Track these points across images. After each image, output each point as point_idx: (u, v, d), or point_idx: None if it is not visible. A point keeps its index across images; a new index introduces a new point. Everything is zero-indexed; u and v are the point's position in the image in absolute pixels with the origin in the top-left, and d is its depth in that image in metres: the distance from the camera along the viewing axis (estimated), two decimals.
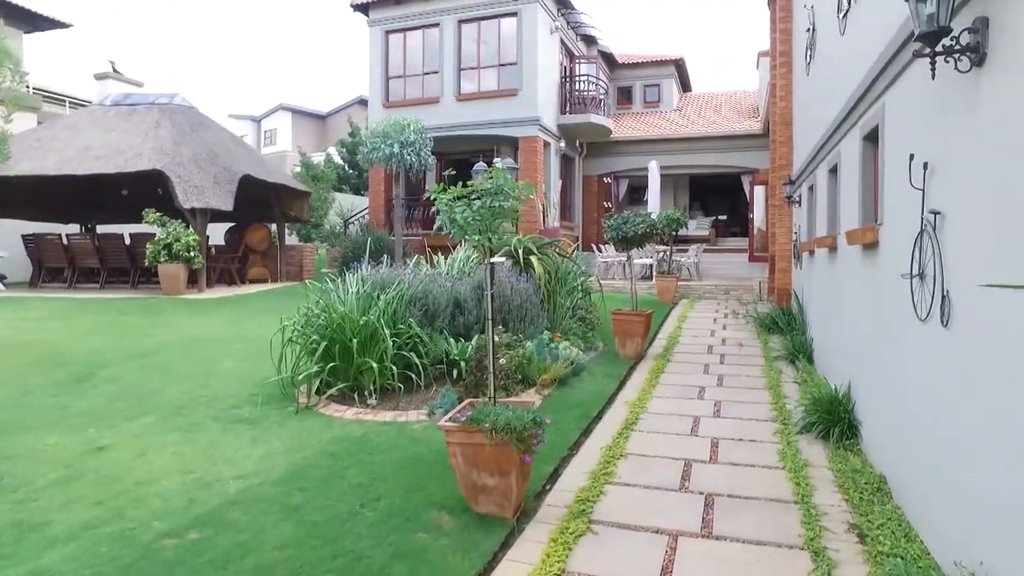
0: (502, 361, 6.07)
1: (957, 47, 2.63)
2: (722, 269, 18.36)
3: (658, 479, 4.32)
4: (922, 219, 3.35)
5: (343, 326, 5.89)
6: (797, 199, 9.38)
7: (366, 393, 5.89)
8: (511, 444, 3.47)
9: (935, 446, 3.22)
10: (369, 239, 16.32)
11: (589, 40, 20.85)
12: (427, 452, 4.66)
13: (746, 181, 19.39)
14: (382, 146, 14.82)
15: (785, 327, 9.14)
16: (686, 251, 17.22)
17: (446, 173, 4.68)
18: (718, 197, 25.01)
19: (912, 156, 3.41)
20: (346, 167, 27.89)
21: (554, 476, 4.41)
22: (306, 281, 8.26)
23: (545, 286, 8.34)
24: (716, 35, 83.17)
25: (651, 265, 15.29)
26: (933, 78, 2.76)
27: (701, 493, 4.09)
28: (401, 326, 6.21)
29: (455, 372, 6.26)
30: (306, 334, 6.05)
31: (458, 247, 9.44)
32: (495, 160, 3.77)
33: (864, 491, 4.03)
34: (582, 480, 4.28)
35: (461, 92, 17.19)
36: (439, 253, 9.49)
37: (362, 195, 25.12)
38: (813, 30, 7.90)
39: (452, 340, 6.73)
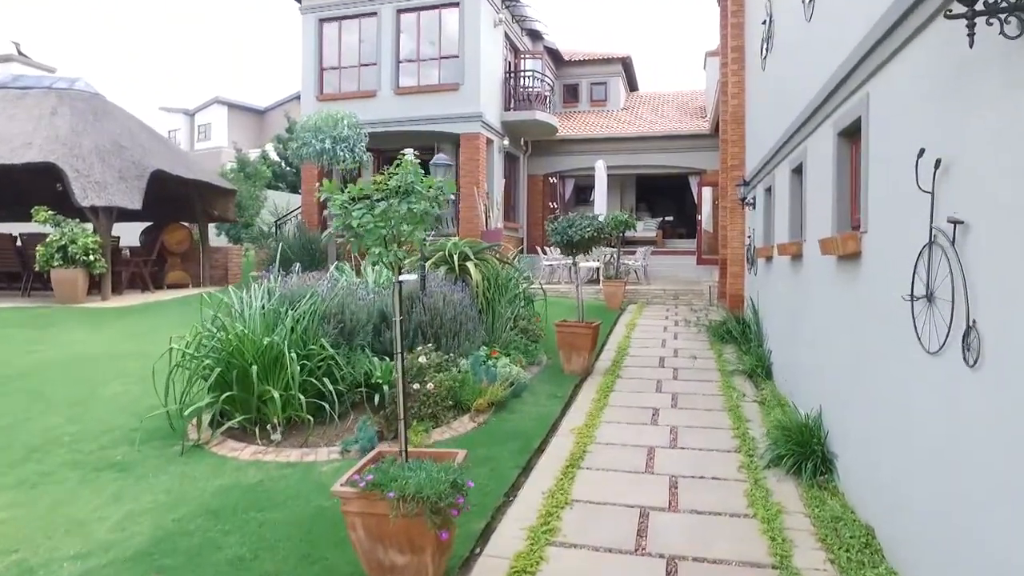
0: (430, 386, 5.28)
1: (1004, 4, 1.98)
2: (670, 272, 17.96)
3: (609, 536, 3.60)
4: (931, 229, 2.73)
5: (241, 348, 4.99)
6: (751, 201, 8.90)
7: (269, 427, 5.01)
8: (424, 516, 2.70)
9: (950, 505, 2.60)
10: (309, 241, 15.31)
11: (535, 35, 20.19)
12: (332, 506, 3.83)
13: (694, 182, 19.08)
14: (313, 141, 13.79)
15: (739, 337, 8.64)
16: (633, 253, 16.73)
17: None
18: (664, 198, 24.74)
19: (922, 151, 2.78)
20: (283, 164, 26.54)
21: (486, 533, 3.65)
22: (229, 287, 7.32)
23: (483, 295, 7.59)
24: (662, 35, 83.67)
25: (598, 269, 14.71)
26: (971, 46, 2.11)
27: (661, 556, 3.39)
28: (313, 347, 5.35)
29: (377, 398, 5.43)
30: (197, 357, 5.12)
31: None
32: (405, 151, 2.99)
33: (851, 548, 3.40)
34: (519, 542, 3.52)
35: (400, 86, 16.26)
36: None
37: (299, 193, 23.88)
38: (770, 21, 7.38)
39: (376, 360, 5.91)
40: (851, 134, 4.23)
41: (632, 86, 24.60)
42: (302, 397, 4.95)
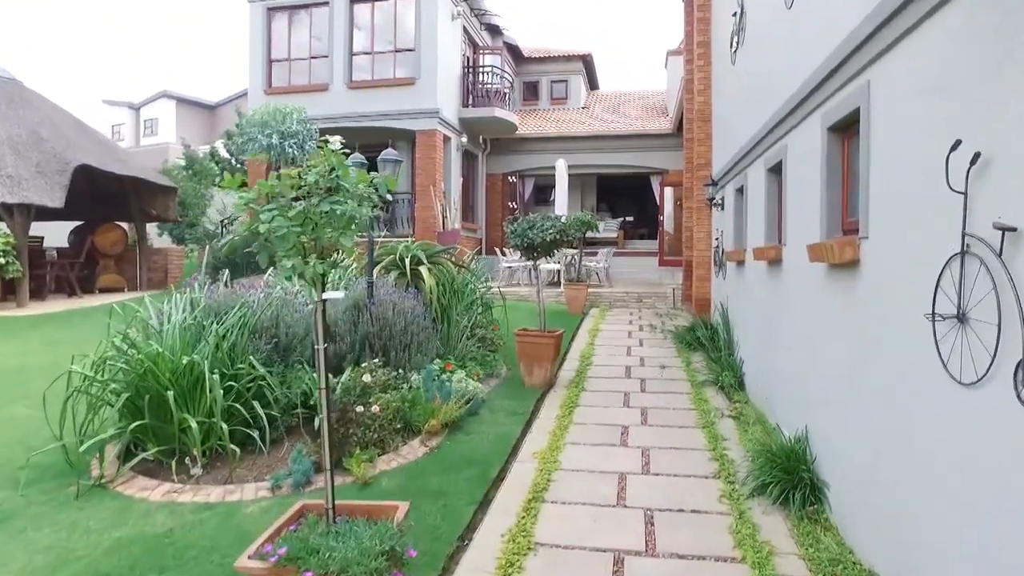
0: (375, 408, 4.70)
1: None
2: (632, 273, 17.63)
3: None
4: (963, 236, 2.28)
5: (155, 370, 4.32)
6: (719, 202, 8.53)
7: (188, 460, 4.36)
8: None
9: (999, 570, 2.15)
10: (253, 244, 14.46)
11: (494, 30, 19.66)
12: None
13: (655, 182, 18.80)
14: (259, 136, 13.02)
15: (708, 343, 8.24)
16: (595, 255, 16.34)
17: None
18: (625, 198, 24.49)
19: (957, 144, 2.33)
20: (233, 160, 25.43)
21: None
22: (171, 288, 6.64)
23: (438, 302, 7.02)
24: (622, 34, 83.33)
25: (559, 271, 14.25)
26: None
27: None
28: (242, 366, 4.71)
29: (317, 421, 4.82)
30: (100, 381, 4.43)
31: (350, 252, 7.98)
32: (330, 139, 2.50)
33: None
34: None
35: (353, 79, 15.54)
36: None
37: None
38: (741, 12, 6.99)
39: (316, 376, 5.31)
40: (844, 128, 3.80)
41: (593, 84, 24.27)
42: (225, 426, 4.30)
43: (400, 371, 5.71)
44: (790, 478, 4.05)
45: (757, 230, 6.01)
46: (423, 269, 6.96)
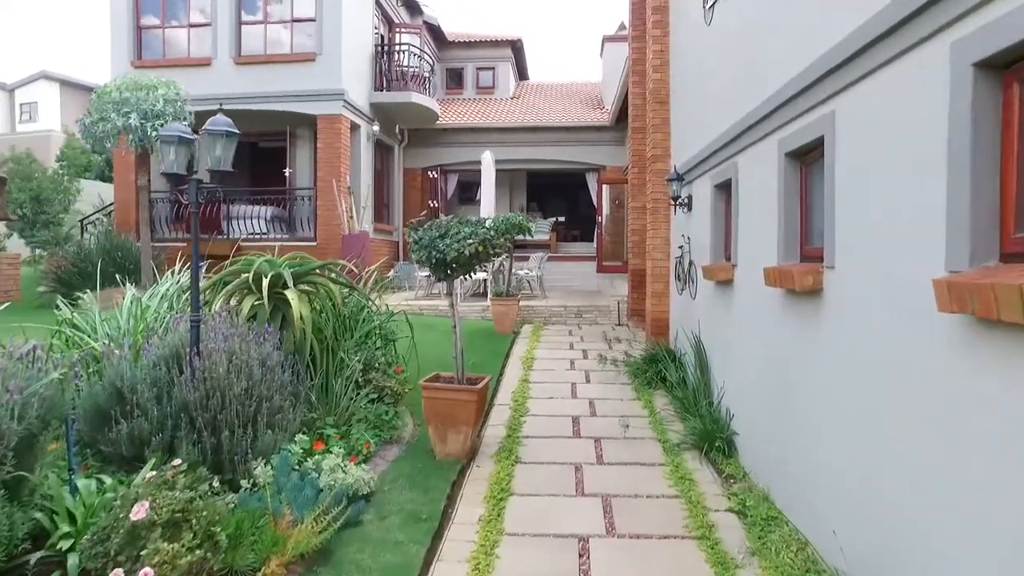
0: (164, 546, 2.63)
1: None
2: (568, 281, 15.93)
3: None
4: None
5: None
6: (685, 201, 6.81)
7: None
8: None
9: None
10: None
11: (413, 8, 17.58)
12: None
13: (592, 179, 17.18)
14: (114, 116, 10.51)
15: (674, 380, 6.53)
16: (527, 259, 14.52)
17: None
18: (557, 196, 22.86)
19: None
20: (90, 146, 22.28)
21: None
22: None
23: (315, 340, 4.97)
24: (550, 25, 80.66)
25: (485, 281, 12.34)
26: None
27: None
28: None
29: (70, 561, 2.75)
30: None
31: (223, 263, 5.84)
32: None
33: None
34: None
35: (242, 53, 13.13)
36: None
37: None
38: None
39: (83, 483, 3.21)
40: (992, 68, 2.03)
41: (523, 74, 22.50)
42: None
43: (232, 463, 3.66)
44: None
45: (764, 241, 4.26)
46: (291, 295, 4.88)
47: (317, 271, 5.33)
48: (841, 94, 3.10)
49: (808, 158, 3.74)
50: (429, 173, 17.32)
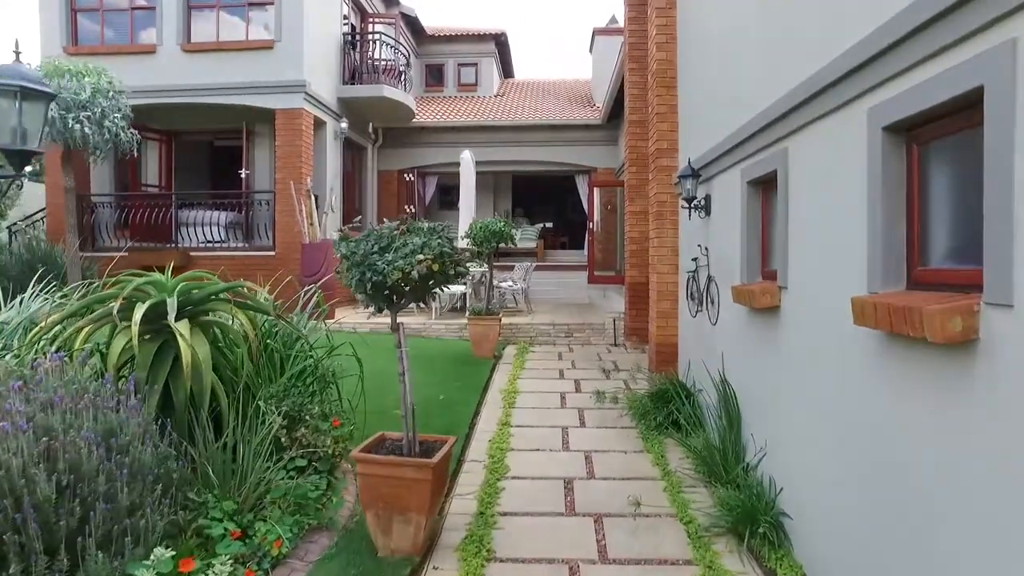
0: None
1: None
2: (556, 293, 14.64)
3: None
4: None
5: None
6: (701, 203, 5.51)
7: None
8: None
9: None
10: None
11: None
12: None
13: (582, 182, 15.90)
14: None
15: (689, 424, 5.21)
16: (511, 269, 13.21)
17: None
18: (544, 201, 21.61)
19: None
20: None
21: None
22: None
23: (219, 388, 3.60)
24: (536, 24, 78.16)
25: (464, 294, 11.01)
26: None
27: None
28: None
29: None
30: None
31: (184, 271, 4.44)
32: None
33: None
34: None
35: (191, 40, 11.73)
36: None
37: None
38: None
39: None
40: None
41: (508, 71, 21.23)
42: None
43: None
44: None
45: (836, 258, 2.95)
46: (182, 329, 3.51)
47: (222, 295, 3.94)
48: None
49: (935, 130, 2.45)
50: (405, 176, 15.97)
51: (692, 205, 5.54)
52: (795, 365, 3.55)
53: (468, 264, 3.76)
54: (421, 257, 3.25)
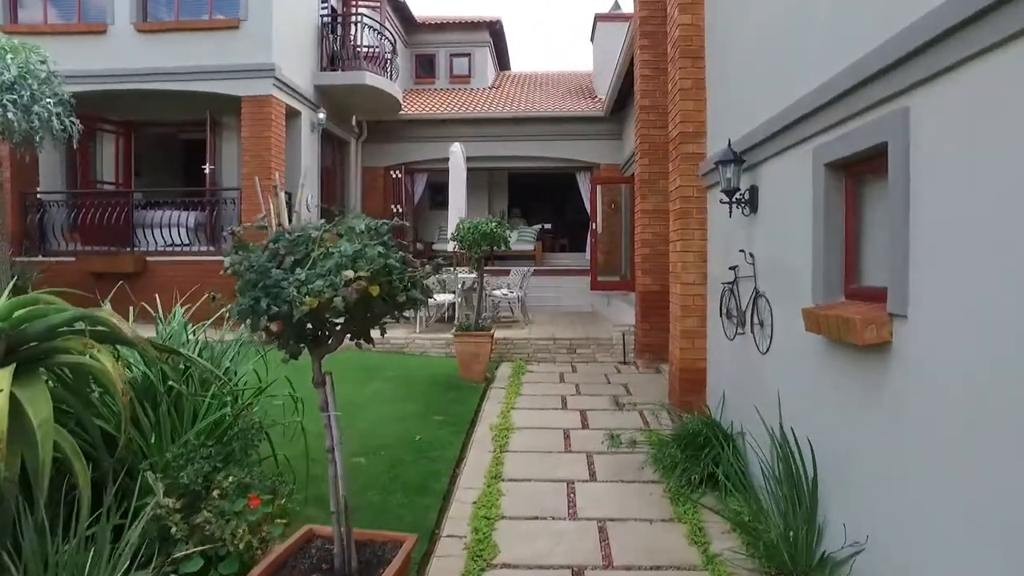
0: None
1: None
2: (556, 301, 13.45)
3: None
4: None
5: None
6: (742, 197, 4.31)
7: None
8: None
9: None
10: None
11: None
12: None
13: (583, 179, 14.69)
14: None
15: (729, 476, 4.02)
16: (507, 274, 12.00)
17: None
18: (542, 200, 20.40)
19: None
20: None
21: None
22: None
23: (75, 461, 2.38)
24: (533, 18, 74.82)
25: (454, 303, 9.79)
26: None
27: None
28: None
29: None
30: None
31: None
32: None
33: None
34: None
35: (147, 17, 10.50)
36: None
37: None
38: None
39: None
40: None
41: (503, 62, 20.03)
42: None
43: None
44: None
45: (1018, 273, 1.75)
46: (1, 379, 2.28)
47: (70, 329, 2.71)
48: None
49: None
50: (392, 173, 14.74)
51: (733, 199, 4.33)
52: (930, 433, 2.33)
53: (437, 282, 2.53)
54: (350, 275, 2.02)
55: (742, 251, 4.43)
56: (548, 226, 19.12)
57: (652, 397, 6.57)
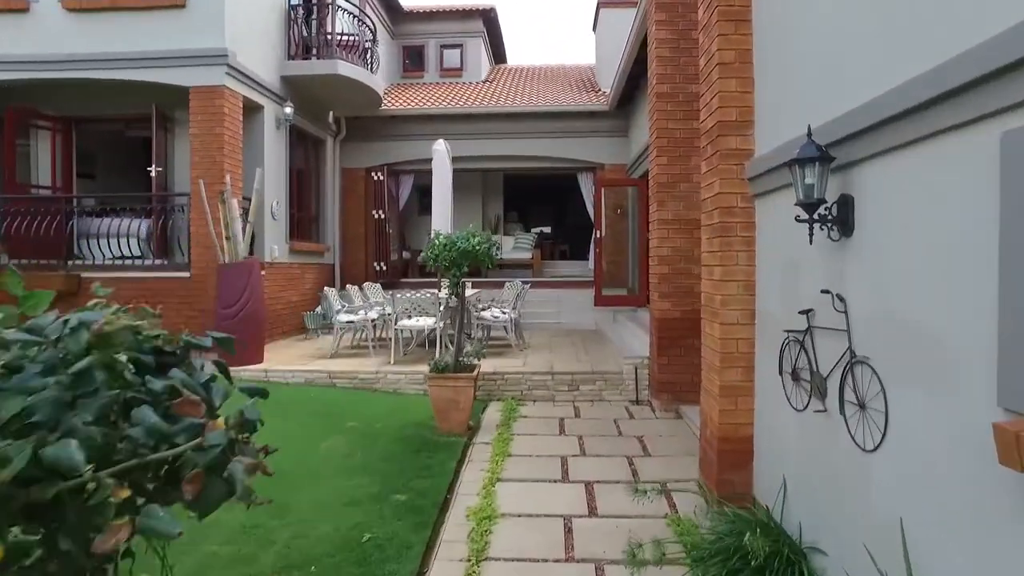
0: None
1: None
2: (556, 316, 12.05)
3: None
4: None
5: None
6: (829, 212, 2.90)
7: None
8: None
9: None
10: None
11: None
12: None
13: (586, 180, 13.28)
14: None
15: None
16: (500, 287, 10.61)
17: None
18: (541, 203, 19.05)
19: None
20: None
21: None
22: None
23: None
24: (531, 13, 71.83)
25: (435, 329, 8.35)
26: None
27: None
28: None
29: None
30: None
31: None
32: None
33: None
34: None
35: None
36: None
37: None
38: None
39: None
40: None
41: (499, 55, 18.64)
42: None
43: None
44: None
45: None
46: None
47: None
48: None
49: None
50: (374, 174, 13.32)
51: (815, 215, 2.90)
52: None
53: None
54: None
55: (827, 292, 2.99)
56: (547, 230, 17.73)
57: (676, 457, 5.15)
